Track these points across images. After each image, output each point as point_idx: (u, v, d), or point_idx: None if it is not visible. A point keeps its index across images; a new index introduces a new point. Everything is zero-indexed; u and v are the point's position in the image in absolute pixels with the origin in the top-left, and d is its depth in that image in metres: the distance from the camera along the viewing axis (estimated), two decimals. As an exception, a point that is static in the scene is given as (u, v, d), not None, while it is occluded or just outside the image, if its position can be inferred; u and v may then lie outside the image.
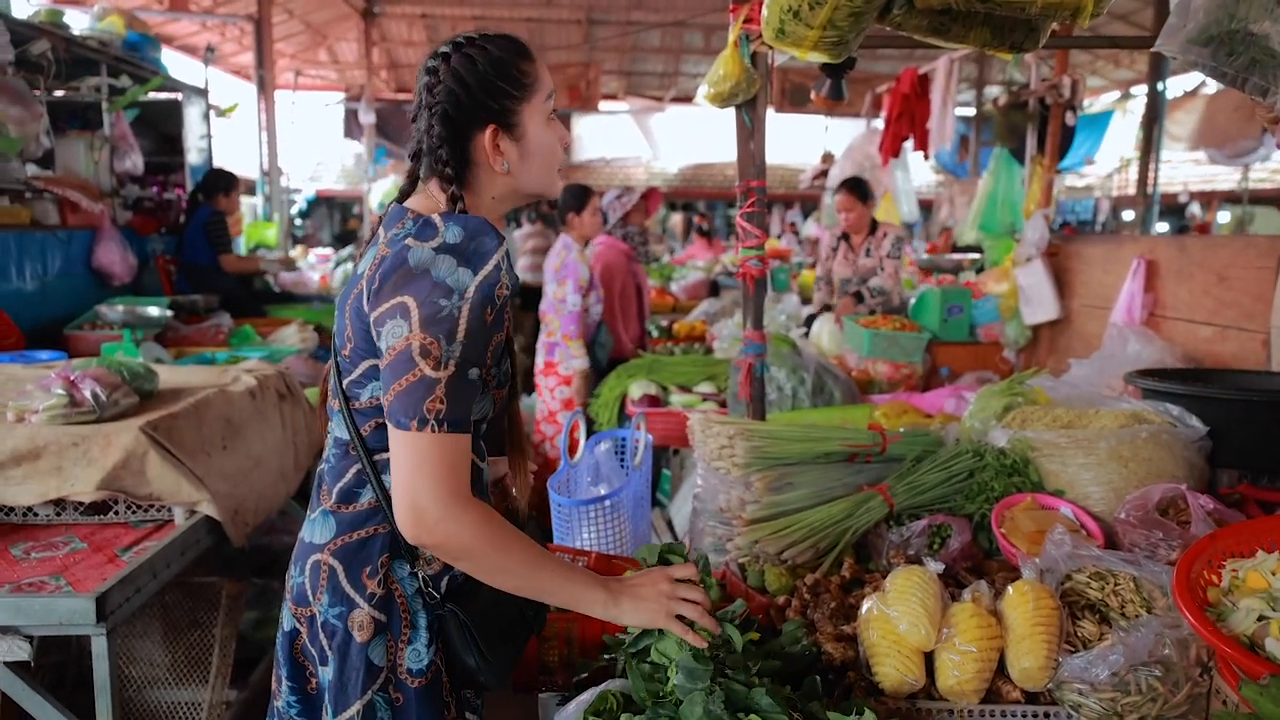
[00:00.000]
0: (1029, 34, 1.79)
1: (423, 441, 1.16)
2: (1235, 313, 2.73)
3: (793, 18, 1.81)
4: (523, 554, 1.22)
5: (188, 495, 2.25)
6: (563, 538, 2.29)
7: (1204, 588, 1.37)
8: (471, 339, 1.18)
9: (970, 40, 1.86)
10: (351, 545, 1.31)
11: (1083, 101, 3.75)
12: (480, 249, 1.21)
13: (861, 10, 1.77)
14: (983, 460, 2.17)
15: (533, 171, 1.35)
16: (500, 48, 1.31)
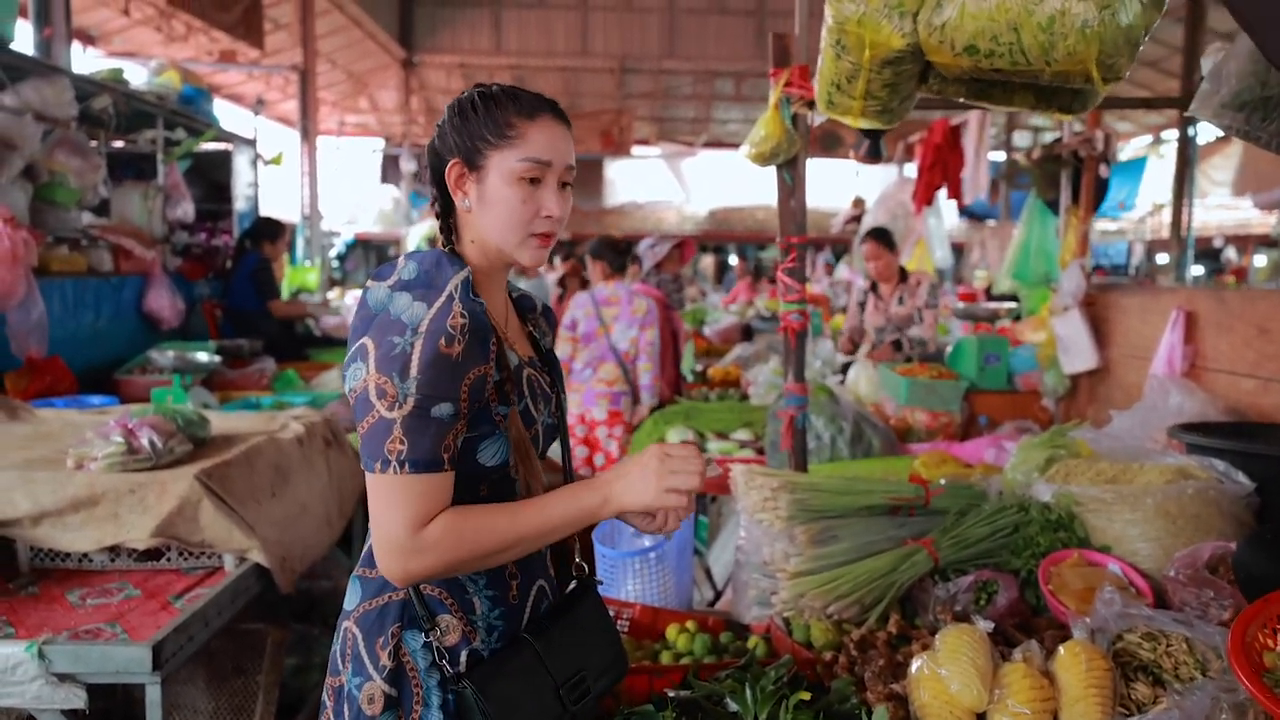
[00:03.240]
0: (1075, 97, 1.84)
1: (387, 483, 1.14)
2: (1277, 365, 2.72)
3: (837, 90, 1.90)
4: (497, 524, 1.18)
5: (239, 543, 2.28)
6: (607, 589, 2.31)
7: (1260, 651, 1.36)
8: (431, 374, 1.13)
9: (1015, 103, 1.91)
10: (372, 613, 1.26)
11: (1116, 154, 3.77)
12: (435, 281, 1.20)
13: (892, 81, 1.84)
14: (1028, 515, 2.17)
15: (490, 220, 1.26)
16: (506, 95, 1.28)
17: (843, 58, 1.81)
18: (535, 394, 1.32)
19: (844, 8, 1.71)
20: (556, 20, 14.30)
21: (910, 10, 1.69)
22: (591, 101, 15.70)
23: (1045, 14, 1.56)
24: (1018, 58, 1.62)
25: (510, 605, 1.30)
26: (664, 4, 14.20)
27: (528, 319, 1.46)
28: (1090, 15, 1.55)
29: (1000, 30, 1.59)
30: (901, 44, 1.70)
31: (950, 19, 1.62)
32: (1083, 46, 1.58)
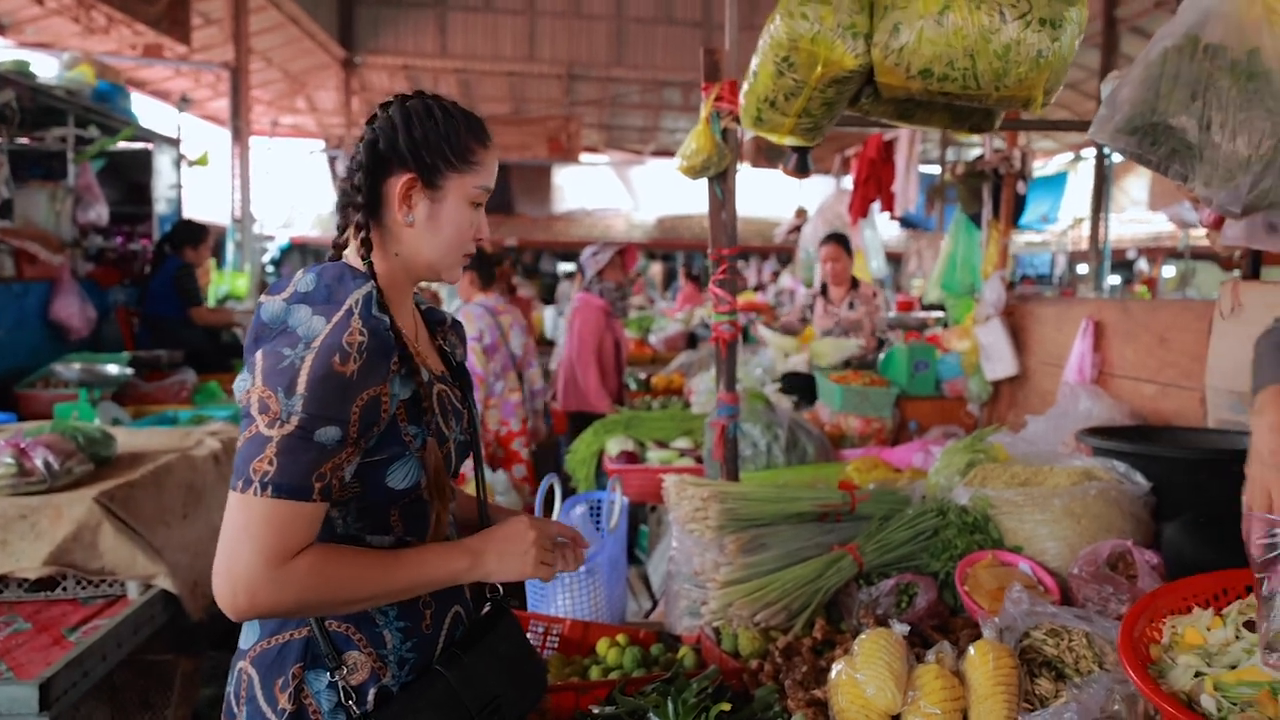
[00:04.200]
0: (986, 117, 1.94)
1: (245, 505, 1.06)
2: (1175, 372, 2.88)
3: (769, 107, 1.94)
4: (366, 574, 1.14)
5: (144, 568, 2.17)
6: (537, 605, 2.33)
7: (1147, 645, 1.45)
8: (320, 393, 1.07)
9: (932, 123, 2.01)
10: (270, 652, 1.19)
11: (1032, 172, 3.94)
12: (335, 295, 1.14)
13: (833, 99, 1.90)
14: (946, 518, 2.26)
15: (436, 241, 1.26)
16: (463, 118, 1.28)
17: (786, 74, 1.83)
18: (446, 410, 1.29)
19: (798, 26, 1.75)
20: (503, 24, 14.27)
21: (863, 32, 1.74)
22: (539, 107, 15.69)
23: (1001, 42, 1.64)
24: (969, 83, 1.70)
25: (424, 635, 1.27)
26: (612, 12, 14.27)
27: (437, 332, 1.42)
28: (1044, 45, 1.65)
29: (956, 56, 1.67)
30: (854, 64, 1.76)
31: (908, 43, 1.69)
32: (1034, 74, 1.68)
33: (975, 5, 1.59)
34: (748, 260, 17.24)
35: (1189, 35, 2.10)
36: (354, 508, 1.21)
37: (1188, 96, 2.03)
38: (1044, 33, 1.59)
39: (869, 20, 1.70)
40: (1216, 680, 1.29)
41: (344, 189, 1.25)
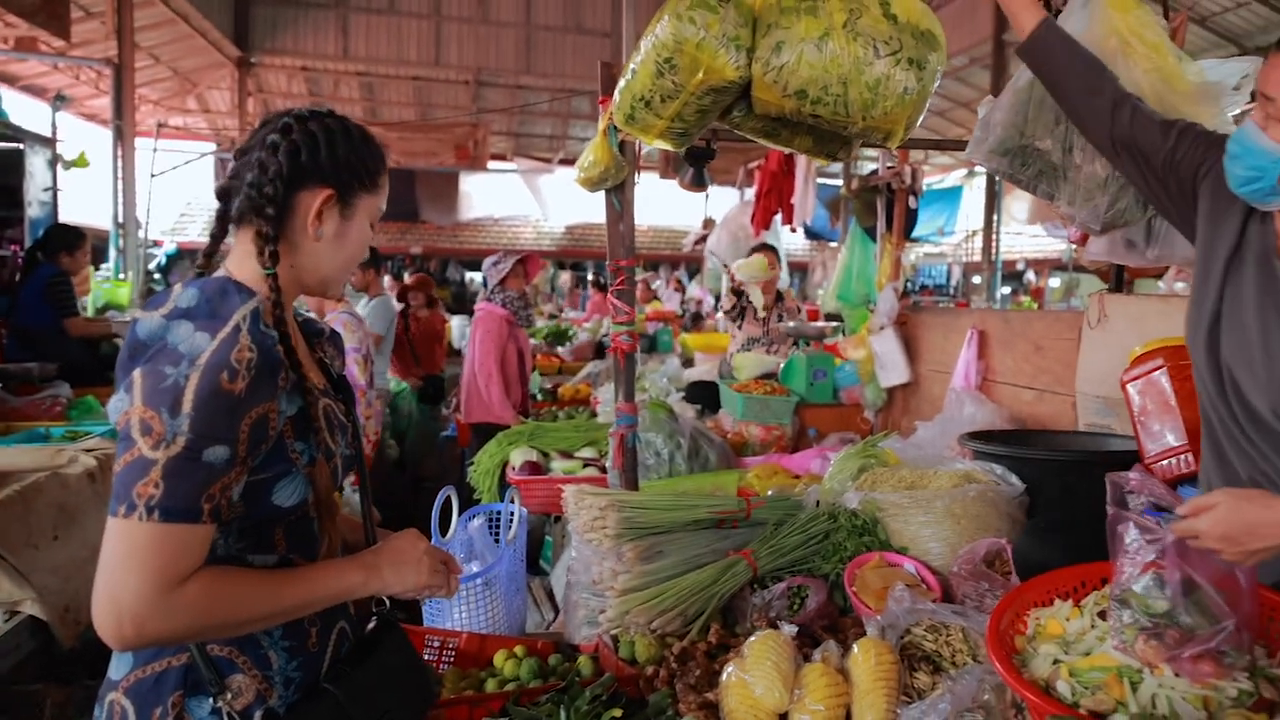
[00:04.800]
0: (843, 146, 2.03)
1: (129, 531, 1.03)
2: (1050, 378, 3.06)
3: (644, 106, 1.96)
4: (258, 595, 1.12)
5: (7, 594, 2.09)
6: (433, 619, 2.30)
7: (1013, 637, 1.54)
8: (207, 412, 1.04)
9: (795, 146, 2.08)
10: (146, 681, 1.15)
11: (923, 188, 4.12)
12: (219, 311, 1.12)
13: (708, 108, 1.94)
14: (837, 522, 2.34)
15: (338, 257, 1.29)
16: (368, 140, 1.31)
17: (666, 76, 1.85)
18: (333, 425, 1.28)
19: (684, 29, 1.77)
20: (408, 28, 13.99)
21: (746, 45, 1.79)
22: (446, 114, 15.47)
23: (873, 76, 1.72)
24: (840, 109, 1.76)
25: (309, 654, 1.25)
26: (520, 19, 14.20)
27: (315, 345, 1.41)
28: (910, 83, 1.73)
29: (831, 82, 1.73)
30: (734, 75, 1.80)
31: (788, 63, 1.75)
32: (899, 109, 1.76)
33: (852, 37, 1.66)
34: (657, 270, 17.43)
35: (1054, 63, 2.24)
36: (235, 527, 1.18)
37: (1052, 121, 2.17)
38: (911, 72, 1.68)
39: (752, 35, 1.75)
40: (1072, 667, 1.38)
41: (252, 196, 1.22)
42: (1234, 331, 1.54)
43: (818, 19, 1.67)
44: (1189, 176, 1.68)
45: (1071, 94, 1.82)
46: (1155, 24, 2.26)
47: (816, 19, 1.67)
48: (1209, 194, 1.64)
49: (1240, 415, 1.54)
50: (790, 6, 1.70)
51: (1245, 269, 1.55)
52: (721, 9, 1.73)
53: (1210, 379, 1.59)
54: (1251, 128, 1.44)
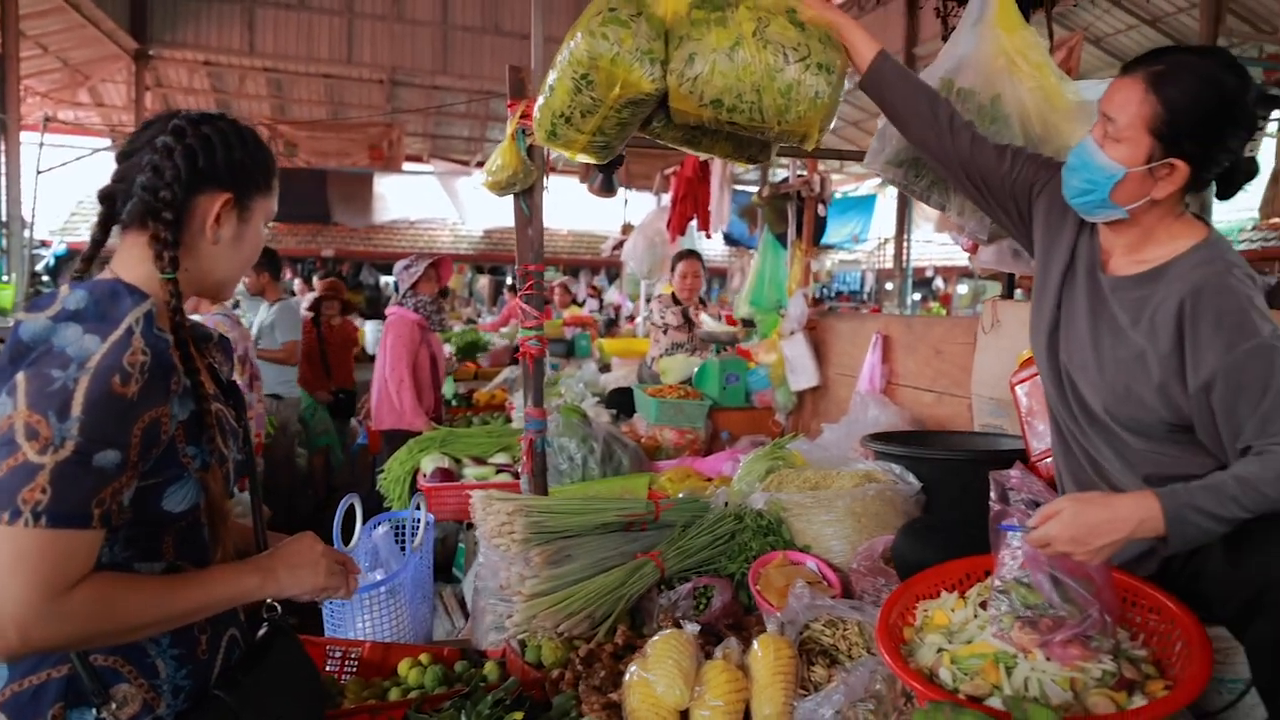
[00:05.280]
0: (762, 149, 2.08)
1: (12, 537, 1.00)
2: (948, 381, 3.19)
3: (564, 122, 1.98)
4: (150, 600, 1.11)
5: None
6: (336, 629, 2.25)
7: (902, 628, 1.60)
8: (97, 416, 1.03)
9: (715, 151, 2.12)
10: (24, 695, 1.11)
11: (831, 196, 4.25)
12: (110, 313, 1.10)
13: (628, 120, 1.97)
14: (743, 522, 2.39)
15: (235, 260, 1.30)
16: (259, 142, 1.33)
17: (584, 92, 1.88)
18: (225, 430, 1.27)
19: (598, 45, 1.80)
20: (319, 24, 13.59)
21: (659, 58, 1.82)
22: (358, 113, 15.09)
23: (785, 81, 1.77)
24: (755, 115, 1.81)
25: (199, 662, 1.23)
26: (437, 18, 13.96)
27: (204, 349, 1.38)
28: (821, 87, 1.78)
29: (745, 90, 1.78)
30: (651, 88, 1.83)
31: (702, 73, 1.78)
32: (812, 112, 1.81)
33: (762, 45, 1.71)
34: (577, 275, 17.41)
35: (945, 80, 2.34)
36: (122, 535, 1.15)
37: (943, 134, 2.27)
38: (821, 76, 1.74)
39: (665, 47, 1.78)
40: (954, 655, 1.45)
41: (148, 200, 1.19)
42: (1070, 338, 1.66)
43: (728, 29, 1.71)
44: (1024, 195, 1.79)
45: (911, 121, 1.90)
46: (1039, 45, 2.39)
47: (726, 29, 1.71)
48: (1043, 211, 1.76)
49: (1078, 413, 1.66)
50: (700, 18, 1.74)
51: (1077, 280, 1.67)
52: (633, 24, 1.75)
53: (1052, 381, 1.71)
54: (1090, 144, 1.55)
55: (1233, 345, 1.41)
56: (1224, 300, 1.44)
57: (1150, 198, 1.52)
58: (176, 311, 1.18)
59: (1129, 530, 1.37)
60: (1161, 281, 1.53)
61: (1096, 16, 11.51)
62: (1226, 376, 1.41)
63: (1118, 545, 1.39)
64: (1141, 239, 1.59)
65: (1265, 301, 1.48)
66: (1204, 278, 1.47)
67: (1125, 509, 1.38)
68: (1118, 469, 1.62)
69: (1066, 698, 1.35)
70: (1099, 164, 1.53)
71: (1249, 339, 1.40)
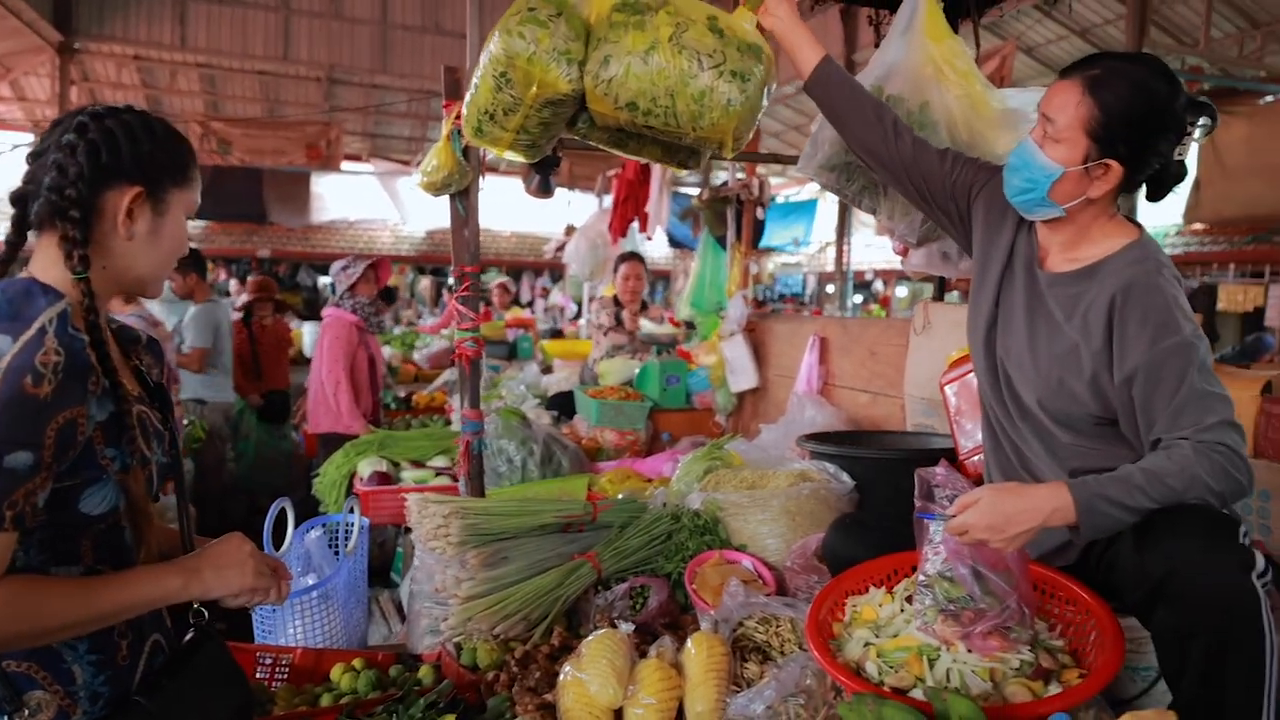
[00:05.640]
0: (692, 154, 2.09)
1: None
2: (883, 382, 3.26)
3: (489, 119, 1.97)
4: (70, 601, 1.10)
5: None
6: (267, 635, 2.20)
7: (831, 623, 1.63)
8: (8, 417, 1.03)
9: (645, 154, 2.13)
10: None
11: (769, 199, 4.31)
12: (22, 312, 1.10)
13: (549, 120, 1.97)
14: (680, 522, 2.41)
15: (154, 256, 1.27)
16: (172, 134, 1.30)
17: (504, 90, 1.87)
18: (147, 432, 1.25)
19: (514, 44, 1.79)
20: (254, 19, 13.25)
21: (577, 59, 1.82)
22: (295, 111, 14.77)
23: (698, 87, 1.77)
24: (670, 120, 1.82)
25: (119, 668, 1.22)
26: (376, 16, 13.72)
27: (131, 352, 1.37)
28: (734, 95, 1.79)
29: (659, 94, 1.78)
30: (568, 88, 1.83)
31: (616, 75, 1.78)
32: (725, 120, 1.82)
33: (677, 50, 1.72)
34: (520, 277, 17.30)
35: (875, 86, 2.39)
36: (37, 537, 1.14)
37: (874, 140, 2.31)
38: (734, 84, 1.75)
39: (584, 48, 1.78)
40: (880, 648, 1.48)
41: (53, 200, 1.17)
42: (1007, 334, 1.72)
43: (645, 33, 1.72)
44: (964, 196, 1.85)
45: (854, 125, 1.95)
46: (965, 54, 2.46)
47: (644, 33, 1.72)
48: (982, 211, 1.82)
49: (1011, 407, 1.72)
50: (620, 21, 1.74)
51: (1015, 277, 1.73)
52: (552, 24, 1.75)
53: (988, 376, 1.76)
54: (1030, 145, 1.61)
55: (1155, 341, 1.48)
56: (1151, 298, 1.51)
57: (1086, 196, 1.58)
58: (91, 311, 1.16)
59: (1042, 518, 1.42)
60: (1095, 279, 1.59)
61: (1028, 26, 11.89)
62: (1147, 371, 1.48)
63: (1032, 533, 1.44)
64: (1077, 237, 1.65)
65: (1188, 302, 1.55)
66: (1135, 276, 1.54)
67: (1039, 498, 1.44)
68: (1045, 463, 1.67)
69: (986, 688, 1.39)
70: (1039, 163, 1.58)
71: (1171, 336, 1.47)
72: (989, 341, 1.75)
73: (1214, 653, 1.34)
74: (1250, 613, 1.34)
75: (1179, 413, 1.45)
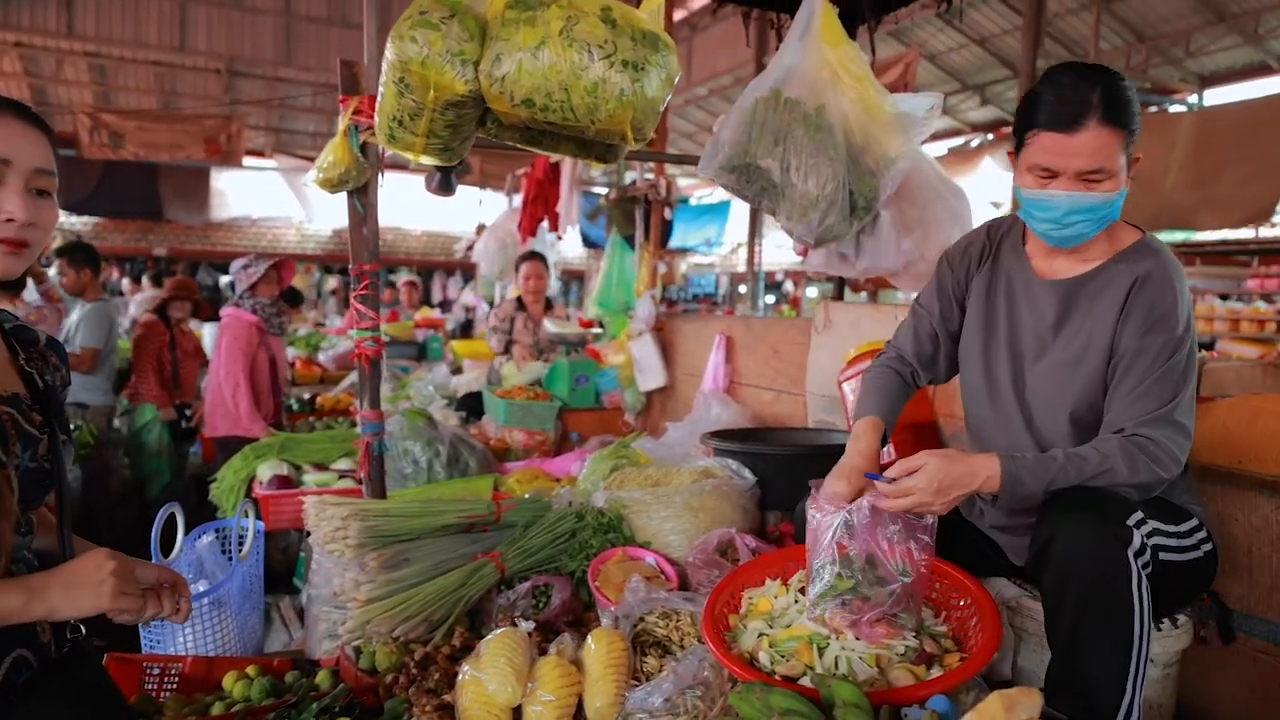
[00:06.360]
0: (608, 149, 2.10)
1: None
2: (786, 380, 3.33)
3: (398, 125, 1.95)
4: None
5: None
6: (155, 645, 2.11)
7: (728, 616, 1.67)
8: None
9: (561, 151, 2.13)
10: None
11: (677, 200, 4.36)
12: None
13: (456, 122, 1.95)
14: (584, 520, 2.41)
15: None
16: None
17: (406, 95, 1.87)
18: (6, 434, 1.19)
19: (407, 49, 1.77)
20: (147, 7, 12.64)
21: (471, 59, 1.80)
22: (193, 104, 14.14)
23: (590, 80, 1.77)
24: (567, 114, 1.81)
25: None
26: (279, 7, 13.27)
27: (22, 353, 1.30)
28: (626, 85, 1.79)
29: (553, 89, 1.77)
30: (464, 89, 1.81)
31: (509, 73, 1.77)
32: (620, 111, 1.82)
33: (568, 43, 1.72)
34: (431, 276, 17.00)
35: (774, 89, 2.45)
36: None
37: (772, 142, 2.37)
38: (626, 74, 1.75)
39: (480, 48, 1.77)
40: (773, 639, 1.52)
41: None
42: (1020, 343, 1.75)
43: (535, 28, 1.72)
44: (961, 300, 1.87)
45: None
46: (860, 59, 2.54)
47: (534, 28, 1.72)
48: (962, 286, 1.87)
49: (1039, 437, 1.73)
50: (512, 18, 1.74)
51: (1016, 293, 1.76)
52: (445, 25, 1.73)
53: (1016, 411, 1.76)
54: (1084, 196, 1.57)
55: (1148, 330, 1.57)
56: (1162, 291, 1.59)
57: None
58: None
59: (978, 483, 1.52)
60: (1107, 273, 1.65)
61: (930, 34, 12.35)
62: (1130, 356, 1.57)
63: (964, 497, 1.54)
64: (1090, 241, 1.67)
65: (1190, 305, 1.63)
66: (1153, 268, 1.61)
67: (976, 464, 1.53)
68: None
69: (872, 673, 1.44)
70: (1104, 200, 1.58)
71: (1162, 332, 1.56)
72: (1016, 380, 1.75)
73: (1081, 617, 1.41)
74: (1119, 585, 1.41)
75: (1132, 403, 1.56)
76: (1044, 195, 1.60)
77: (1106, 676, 1.41)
